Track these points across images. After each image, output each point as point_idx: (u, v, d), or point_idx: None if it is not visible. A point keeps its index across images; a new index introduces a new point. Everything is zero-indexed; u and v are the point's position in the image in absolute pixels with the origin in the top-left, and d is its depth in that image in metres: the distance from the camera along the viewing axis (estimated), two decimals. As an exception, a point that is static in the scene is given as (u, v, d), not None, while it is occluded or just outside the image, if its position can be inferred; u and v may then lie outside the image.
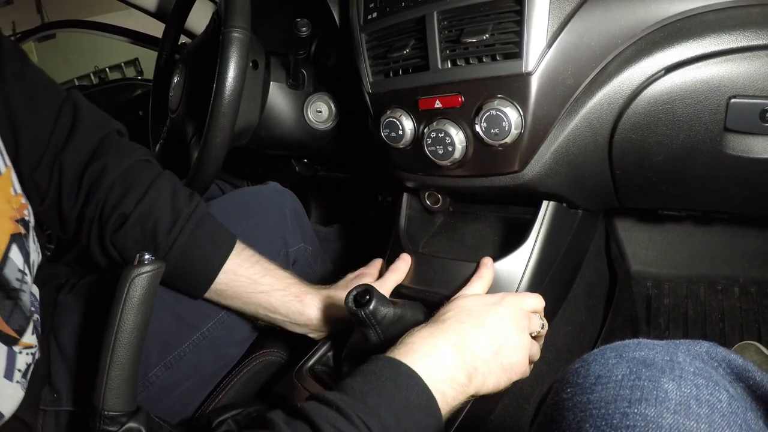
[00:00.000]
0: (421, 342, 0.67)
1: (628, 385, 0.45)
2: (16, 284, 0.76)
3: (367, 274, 1.00)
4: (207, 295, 0.92)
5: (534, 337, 0.80)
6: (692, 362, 0.47)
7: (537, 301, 0.81)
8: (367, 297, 0.74)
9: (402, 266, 0.96)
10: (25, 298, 0.78)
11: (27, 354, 0.78)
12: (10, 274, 0.75)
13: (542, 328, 0.80)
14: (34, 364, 0.80)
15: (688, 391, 0.44)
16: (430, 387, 0.62)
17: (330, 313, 0.92)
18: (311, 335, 0.96)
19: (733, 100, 0.72)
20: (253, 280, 0.92)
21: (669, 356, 0.47)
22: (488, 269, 0.86)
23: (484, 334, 0.71)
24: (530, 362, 0.78)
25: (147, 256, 0.72)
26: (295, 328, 0.94)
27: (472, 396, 0.69)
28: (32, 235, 0.83)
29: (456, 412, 0.73)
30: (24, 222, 0.80)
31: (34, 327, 0.81)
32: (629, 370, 0.46)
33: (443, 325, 0.71)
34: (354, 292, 0.75)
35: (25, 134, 0.83)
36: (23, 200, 0.81)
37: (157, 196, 0.89)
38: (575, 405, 0.47)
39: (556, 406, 0.49)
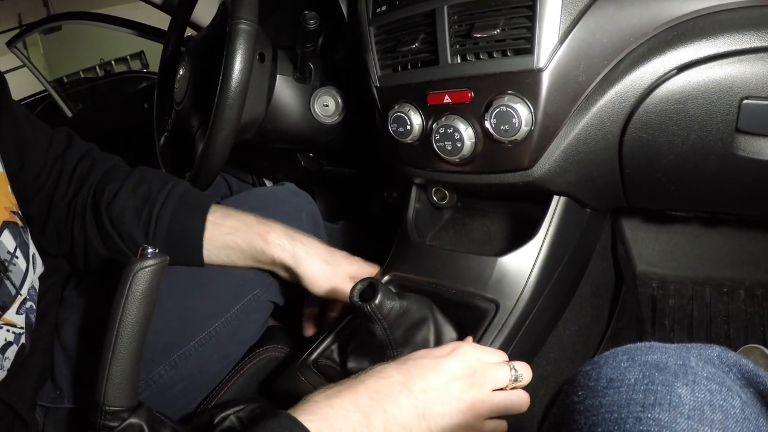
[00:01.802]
0: (323, 402, 0.62)
1: (641, 390, 0.44)
2: (5, 262, 0.77)
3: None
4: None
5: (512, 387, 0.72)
6: (705, 367, 0.46)
7: (498, 358, 0.74)
8: (373, 291, 0.73)
9: None
10: (14, 279, 0.78)
11: (8, 331, 0.78)
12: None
13: (516, 380, 0.71)
14: (21, 350, 0.80)
15: (702, 396, 0.43)
16: None
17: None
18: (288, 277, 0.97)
19: (745, 101, 0.72)
20: (219, 225, 0.94)
21: (682, 360, 0.47)
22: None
23: (407, 394, 0.64)
24: (507, 414, 0.71)
25: (150, 250, 0.71)
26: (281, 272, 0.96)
27: None
28: (30, 235, 0.87)
29: None
30: (21, 216, 0.81)
31: (26, 312, 0.81)
32: (642, 374, 0.46)
33: (359, 382, 0.65)
34: (359, 287, 0.75)
35: (32, 146, 0.91)
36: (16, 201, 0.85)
37: (144, 170, 0.98)
38: (587, 408, 0.46)
39: (567, 409, 0.48)
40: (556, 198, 0.89)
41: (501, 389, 0.71)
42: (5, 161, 0.85)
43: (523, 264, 0.87)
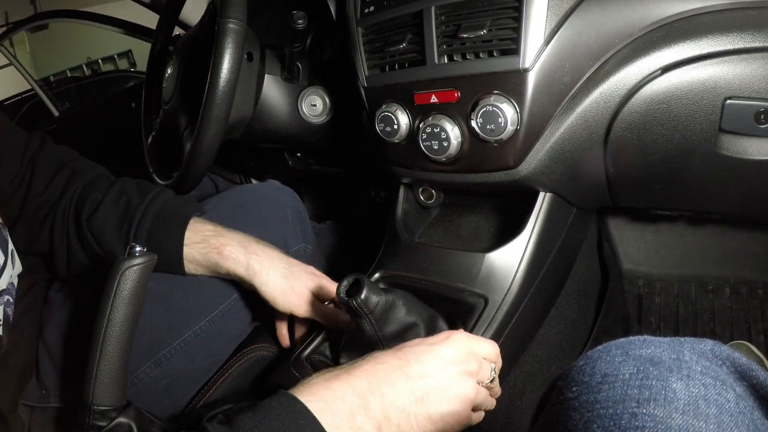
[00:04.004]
0: (321, 384, 0.62)
1: (636, 385, 0.44)
2: None
3: None
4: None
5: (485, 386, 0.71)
6: (699, 360, 0.46)
7: (491, 348, 0.73)
8: (359, 287, 0.74)
9: None
10: None
11: None
12: None
13: (492, 381, 0.71)
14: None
15: (697, 390, 0.43)
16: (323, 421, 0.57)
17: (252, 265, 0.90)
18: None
19: (728, 101, 0.73)
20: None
21: (676, 354, 0.47)
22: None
23: (404, 378, 0.64)
24: (481, 410, 0.72)
25: (138, 248, 0.71)
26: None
27: None
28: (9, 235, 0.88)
29: None
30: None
31: (3, 305, 0.81)
32: (636, 369, 0.46)
33: (356, 367, 0.65)
34: (345, 283, 0.75)
35: (7, 150, 0.92)
36: None
37: (125, 182, 0.98)
38: (582, 404, 0.46)
39: (562, 406, 0.48)
40: (542, 194, 0.90)
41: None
42: None
43: (510, 259, 0.88)
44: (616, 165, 0.84)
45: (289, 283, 0.90)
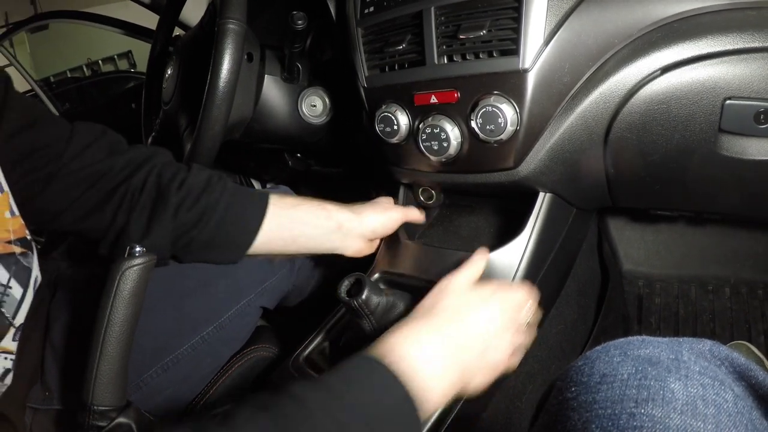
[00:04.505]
0: (411, 339, 0.64)
1: (634, 385, 0.44)
2: None
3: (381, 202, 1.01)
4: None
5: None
6: (697, 361, 0.46)
7: (526, 293, 0.78)
8: (359, 287, 0.74)
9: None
10: (6, 310, 0.77)
11: (5, 359, 0.76)
12: None
13: (530, 318, 0.78)
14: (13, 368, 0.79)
15: (695, 391, 0.43)
16: (412, 388, 0.59)
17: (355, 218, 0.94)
18: (342, 249, 0.95)
19: (728, 102, 0.73)
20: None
21: (674, 354, 0.47)
22: (482, 258, 0.82)
23: (473, 335, 0.69)
24: (520, 352, 0.77)
25: (138, 249, 0.71)
26: (327, 242, 0.93)
27: (458, 396, 0.67)
28: (35, 255, 0.82)
29: (446, 413, 0.72)
30: (24, 242, 0.79)
31: (16, 332, 0.80)
32: (635, 369, 0.46)
33: (432, 322, 0.68)
34: (346, 283, 0.75)
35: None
36: (23, 221, 0.79)
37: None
38: (580, 405, 0.46)
39: (561, 406, 0.48)
40: (542, 195, 0.90)
41: None
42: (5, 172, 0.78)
43: (510, 260, 0.88)
44: (616, 165, 0.84)
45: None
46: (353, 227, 0.93)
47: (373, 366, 0.59)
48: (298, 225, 0.90)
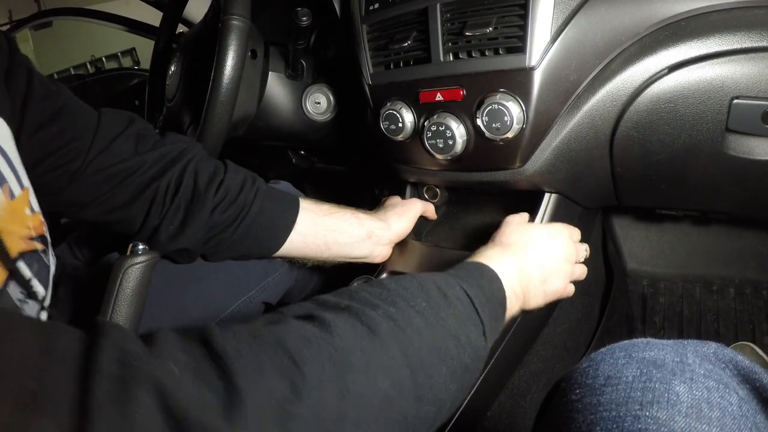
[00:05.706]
0: (496, 257, 0.74)
1: (639, 387, 0.44)
2: (18, 300, 0.74)
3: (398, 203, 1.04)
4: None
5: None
6: (702, 364, 0.46)
7: (579, 232, 0.89)
8: None
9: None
10: (28, 311, 0.76)
11: None
12: (14, 294, 0.71)
13: (586, 251, 0.90)
14: None
15: (700, 393, 0.43)
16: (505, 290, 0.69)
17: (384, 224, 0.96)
18: (372, 258, 0.97)
19: (735, 101, 0.72)
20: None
21: (679, 357, 0.47)
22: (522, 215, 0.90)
23: (539, 265, 0.78)
24: (576, 282, 0.87)
25: (140, 247, 0.71)
26: (358, 249, 0.95)
27: (518, 311, 0.76)
28: (51, 251, 0.81)
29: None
30: (42, 238, 0.77)
31: None
32: (639, 371, 0.46)
33: (510, 249, 0.77)
34: (355, 284, 0.75)
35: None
36: (42, 218, 0.79)
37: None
38: (585, 407, 0.46)
39: (565, 407, 0.48)
40: (547, 195, 0.90)
41: None
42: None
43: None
44: (622, 164, 0.84)
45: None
46: (383, 235, 0.95)
47: (483, 265, 0.71)
48: (332, 233, 0.91)
